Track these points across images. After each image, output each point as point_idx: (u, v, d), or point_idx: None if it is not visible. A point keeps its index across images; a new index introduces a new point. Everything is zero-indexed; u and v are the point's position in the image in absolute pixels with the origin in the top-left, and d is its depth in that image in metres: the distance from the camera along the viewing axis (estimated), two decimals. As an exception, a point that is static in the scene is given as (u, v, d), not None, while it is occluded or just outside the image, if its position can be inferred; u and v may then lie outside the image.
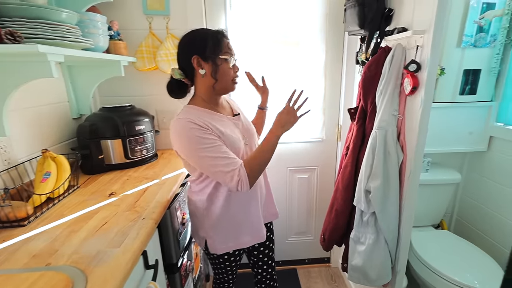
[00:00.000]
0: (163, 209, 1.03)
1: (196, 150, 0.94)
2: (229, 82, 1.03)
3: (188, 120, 0.95)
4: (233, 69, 1.04)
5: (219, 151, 0.94)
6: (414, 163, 1.23)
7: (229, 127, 1.06)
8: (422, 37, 1.16)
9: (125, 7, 1.59)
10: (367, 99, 1.38)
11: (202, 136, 0.94)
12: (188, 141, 0.94)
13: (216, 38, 0.99)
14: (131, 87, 1.70)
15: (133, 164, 1.45)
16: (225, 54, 1.00)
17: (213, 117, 1.03)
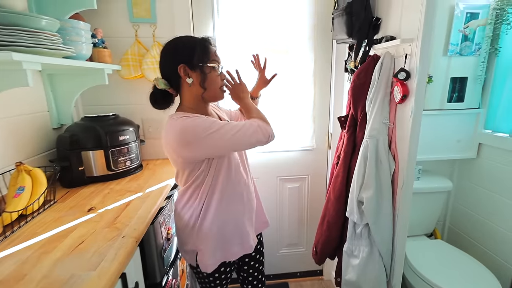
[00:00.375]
0: (145, 225, 0.96)
1: (203, 132, 0.88)
2: (217, 90, 1.01)
3: (181, 116, 0.92)
4: (221, 77, 1.02)
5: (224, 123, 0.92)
6: (407, 173, 1.20)
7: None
8: (410, 46, 1.15)
9: (111, 14, 1.54)
10: (357, 107, 1.36)
11: (203, 119, 0.91)
12: (192, 130, 0.88)
13: (203, 45, 0.95)
14: (116, 95, 1.64)
15: (116, 176, 1.38)
16: (213, 62, 0.97)
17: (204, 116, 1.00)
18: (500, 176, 1.65)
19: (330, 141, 1.88)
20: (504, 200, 1.63)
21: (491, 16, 1.57)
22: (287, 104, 1.81)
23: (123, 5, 1.54)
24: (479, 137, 1.72)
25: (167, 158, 1.73)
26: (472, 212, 1.83)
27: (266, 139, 0.95)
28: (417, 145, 1.19)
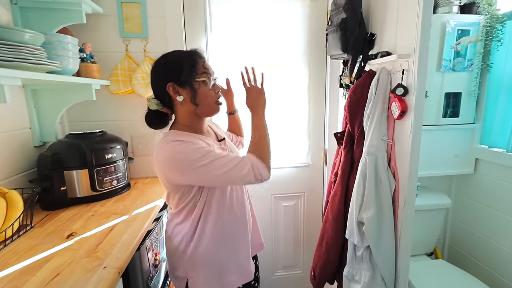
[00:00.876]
0: (130, 253, 0.87)
1: (195, 163, 0.83)
2: (211, 104, 0.94)
3: (173, 140, 0.87)
4: (214, 90, 0.94)
5: (218, 154, 0.86)
6: (408, 192, 1.14)
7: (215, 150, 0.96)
8: (407, 61, 1.13)
9: (101, 29, 1.50)
10: (354, 123, 1.31)
11: (196, 147, 0.85)
12: (184, 157, 0.84)
13: (190, 60, 0.90)
14: (104, 111, 1.57)
15: (101, 196, 1.29)
16: (202, 76, 0.91)
17: (199, 137, 0.94)
18: (498, 192, 1.61)
19: (326, 157, 1.82)
20: (504, 217, 1.58)
21: (481, 33, 1.57)
22: (281, 119, 1.76)
23: (113, 20, 1.49)
24: (475, 152, 1.69)
25: (156, 176, 1.62)
26: (472, 229, 1.77)
27: (258, 182, 0.90)
28: (418, 162, 1.14)
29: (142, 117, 1.57)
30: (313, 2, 1.65)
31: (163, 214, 1.33)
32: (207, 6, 1.56)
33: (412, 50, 1.10)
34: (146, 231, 1.06)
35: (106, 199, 1.30)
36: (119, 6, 1.48)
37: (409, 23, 1.11)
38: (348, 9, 1.29)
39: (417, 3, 1.05)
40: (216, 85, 0.96)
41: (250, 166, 0.87)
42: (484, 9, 1.56)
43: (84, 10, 1.28)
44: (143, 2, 1.50)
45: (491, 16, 1.55)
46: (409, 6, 1.11)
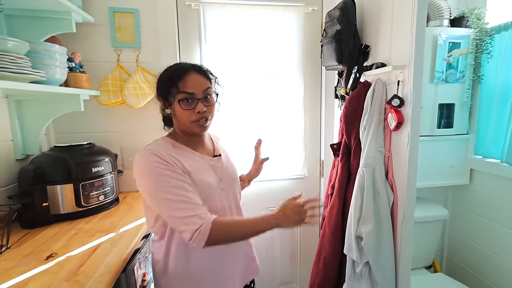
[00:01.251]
0: (114, 275, 0.79)
1: (156, 188, 0.78)
2: (186, 124, 0.86)
3: (153, 153, 0.81)
4: (193, 110, 0.85)
5: (181, 194, 0.78)
6: (407, 204, 1.10)
7: (202, 169, 0.89)
8: (402, 72, 1.11)
9: (92, 38, 1.45)
10: (351, 134, 1.28)
11: (165, 173, 0.79)
12: (149, 176, 0.79)
13: (169, 79, 0.86)
14: (94, 122, 1.50)
15: (87, 212, 1.20)
16: (177, 96, 0.84)
17: (184, 154, 0.87)
18: (494, 202, 1.58)
19: (322, 169, 1.78)
20: (501, 228, 1.55)
21: (472, 45, 1.58)
22: (277, 131, 1.72)
23: (105, 29, 1.45)
24: (470, 163, 1.67)
25: None
26: (470, 240, 1.73)
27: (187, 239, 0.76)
28: (415, 174, 1.10)
29: (133, 128, 1.53)
30: (307, 14, 1.64)
31: (152, 230, 1.25)
32: (201, 16, 1.54)
33: (407, 61, 1.08)
34: (133, 249, 0.98)
35: (92, 215, 1.21)
36: (111, 15, 1.44)
37: (403, 35, 1.10)
38: (343, 21, 1.28)
39: (411, 16, 1.05)
40: (199, 105, 0.85)
41: (196, 229, 0.75)
42: (473, 22, 1.57)
43: (74, 19, 1.23)
44: (136, 12, 1.46)
45: (480, 29, 1.56)
46: (402, 18, 1.10)
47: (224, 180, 0.94)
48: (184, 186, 0.79)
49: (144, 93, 1.44)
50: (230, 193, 0.96)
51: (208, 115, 0.88)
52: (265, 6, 1.59)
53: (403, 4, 1.09)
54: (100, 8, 1.43)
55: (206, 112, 0.86)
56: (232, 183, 0.99)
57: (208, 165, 0.92)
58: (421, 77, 1.06)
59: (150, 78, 1.48)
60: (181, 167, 0.82)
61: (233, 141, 1.63)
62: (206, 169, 0.90)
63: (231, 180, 0.98)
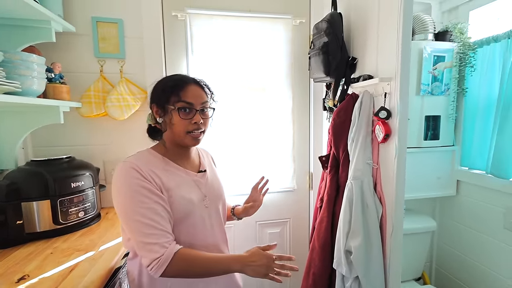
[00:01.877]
0: (90, 300, 0.75)
1: (128, 208, 0.77)
2: (181, 134, 0.86)
3: (132, 167, 0.80)
4: (190, 121, 0.86)
5: (151, 218, 0.76)
6: (395, 217, 1.10)
7: (185, 185, 0.87)
8: (389, 85, 1.13)
9: (73, 48, 1.42)
10: (339, 146, 1.28)
11: (140, 192, 0.77)
12: (125, 193, 0.78)
13: (170, 87, 0.87)
14: (74, 135, 1.45)
15: (65, 230, 1.15)
16: (177, 104, 0.84)
17: (165, 168, 0.86)
18: (480, 213, 1.61)
19: (311, 181, 1.77)
20: (487, 239, 1.57)
21: (456, 59, 1.63)
22: (265, 143, 1.71)
23: (88, 39, 1.42)
24: (456, 174, 1.70)
25: None
26: (458, 252, 1.75)
27: (146, 265, 0.75)
28: (404, 186, 1.11)
29: (117, 141, 1.50)
30: (295, 26, 1.66)
31: (135, 248, 1.21)
32: (188, 27, 1.53)
33: (393, 73, 1.10)
34: (113, 269, 0.94)
35: (71, 233, 1.16)
36: (94, 25, 1.42)
37: (389, 48, 1.12)
38: (330, 33, 1.30)
39: (396, 29, 1.07)
40: (196, 116, 0.86)
41: (156, 258, 0.73)
42: (456, 37, 1.63)
43: (53, 28, 1.20)
44: (120, 22, 1.45)
45: (463, 43, 1.62)
46: (388, 32, 1.12)
47: (209, 196, 0.92)
48: (156, 209, 0.77)
49: (128, 105, 1.41)
50: (213, 211, 0.94)
51: (203, 128, 0.89)
52: (253, 18, 1.61)
53: (389, 18, 1.11)
54: (83, 18, 1.41)
55: (202, 124, 0.87)
56: (218, 200, 0.97)
57: (191, 180, 0.90)
58: (407, 90, 1.08)
59: (135, 89, 1.46)
60: (159, 184, 0.81)
61: (220, 153, 1.61)
62: (189, 185, 0.88)
63: (216, 196, 0.96)
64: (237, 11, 1.58)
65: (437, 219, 1.85)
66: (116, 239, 1.11)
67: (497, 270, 1.52)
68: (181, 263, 0.75)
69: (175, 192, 0.82)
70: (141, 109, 1.48)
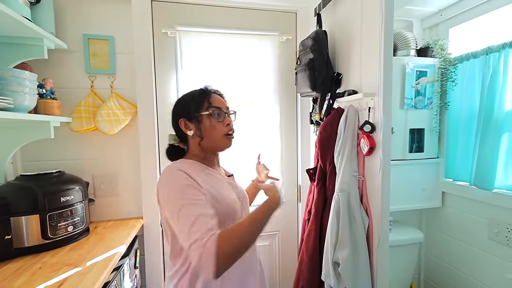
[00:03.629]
0: (79, 314, 0.78)
1: (178, 198, 0.80)
2: (219, 137, 0.96)
3: (178, 168, 0.87)
4: (223, 123, 0.96)
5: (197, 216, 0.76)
6: (381, 228, 1.16)
7: (225, 187, 0.95)
8: (372, 99, 1.20)
9: (65, 65, 1.47)
10: (326, 159, 1.35)
11: (191, 185, 0.82)
12: (173, 186, 0.82)
13: (198, 95, 0.98)
14: (65, 150, 1.49)
15: (54, 245, 1.17)
16: (209, 109, 0.95)
17: (207, 172, 0.94)
18: (465, 224, 1.68)
19: (300, 193, 1.83)
20: (472, 249, 1.63)
21: (437, 74, 1.73)
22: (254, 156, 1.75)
23: (79, 56, 1.48)
24: (441, 185, 1.78)
25: (120, 219, 1.57)
26: (446, 263, 1.81)
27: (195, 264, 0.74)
28: (389, 198, 1.17)
29: (107, 155, 1.54)
30: (282, 43, 1.75)
31: (124, 262, 1.23)
32: (177, 44, 1.60)
33: (376, 89, 1.17)
34: (102, 283, 0.97)
35: (60, 248, 1.18)
36: (86, 42, 1.48)
37: (372, 64, 1.20)
38: (315, 50, 1.38)
39: (378, 46, 1.15)
40: (228, 119, 0.98)
41: (198, 255, 0.71)
42: (437, 52, 1.74)
43: (46, 45, 1.26)
44: (111, 39, 1.51)
45: (444, 59, 1.73)
46: (371, 48, 1.21)
47: (241, 198, 1.00)
48: (205, 203, 0.80)
49: (118, 119, 1.46)
50: (247, 210, 1.04)
51: (233, 129, 1.00)
52: (241, 35, 1.69)
53: (371, 35, 1.20)
54: (74, 35, 1.47)
55: (232, 126, 0.99)
56: (246, 201, 1.06)
57: (227, 183, 0.98)
58: (390, 104, 1.16)
59: (125, 104, 1.51)
60: (203, 186, 0.85)
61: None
62: (228, 187, 0.97)
63: (245, 198, 1.05)
64: (225, 28, 1.67)
65: (424, 231, 1.91)
66: (105, 253, 1.13)
67: (483, 280, 1.58)
68: (228, 239, 0.73)
69: (219, 195, 0.88)
70: (131, 123, 1.53)
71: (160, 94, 1.61)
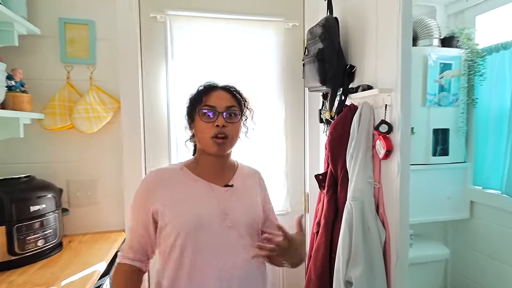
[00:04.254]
0: None
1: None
2: (206, 139, 0.95)
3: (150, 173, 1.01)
4: (213, 124, 0.94)
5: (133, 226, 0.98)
6: (400, 242, 1.16)
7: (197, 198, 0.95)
8: (389, 96, 1.20)
9: (37, 53, 1.48)
10: (337, 164, 1.35)
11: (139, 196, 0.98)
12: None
13: (197, 92, 1.02)
14: (35, 151, 1.49)
15: (22, 261, 1.17)
16: (202, 107, 0.96)
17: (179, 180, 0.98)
18: (497, 238, 1.69)
19: (307, 203, 1.83)
20: (504, 267, 1.64)
21: (464, 67, 1.75)
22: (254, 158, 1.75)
23: (54, 42, 1.49)
24: (469, 194, 1.79)
25: (98, 232, 1.57)
26: (474, 283, 1.81)
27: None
28: (408, 208, 1.17)
29: (84, 157, 1.54)
30: (288, 30, 1.77)
31: (104, 282, 1.23)
32: (168, 30, 1.61)
33: (393, 84, 1.17)
34: (79, 307, 0.96)
35: (29, 265, 1.18)
36: (62, 27, 1.48)
37: (388, 56, 1.20)
38: (325, 39, 1.39)
39: (396, 35, 1.15)
40: (220, 119, 0.94)
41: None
42: (463, 43, 1.76)
43: (16, 31, 1.26)
44: (91, 23, 1.52)
45: (471, 50, 1.74)
46: (387, 38, 1.21)
47: (231, 216, 0.94)
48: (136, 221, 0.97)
49: (98, 116, 1.46)
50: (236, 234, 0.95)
51: (227, 133, 0.95)
52: (240, 20, 1.71)
53: (388, 22, 1.20)
54: (49, 19, 1.47)
55: (226, 128, 0.95)
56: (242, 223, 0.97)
57: (212, 193, 0.97)
58: (409, 101, 1.16)
59: (106, 98, 1.51)
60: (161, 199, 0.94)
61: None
62: (204, 199, 0.95)
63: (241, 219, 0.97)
64: (223, 13, 1.68)
65: (449, 246, 1.92)
66: (82, 272, 1.13)
67: (517, 303, 1.59)
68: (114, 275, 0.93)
69: (181, 203, 0.93)
70: (113, 120, 1.54)
71: (147, 87, 1.62)
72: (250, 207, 1.03)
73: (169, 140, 1.67)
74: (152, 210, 0.93)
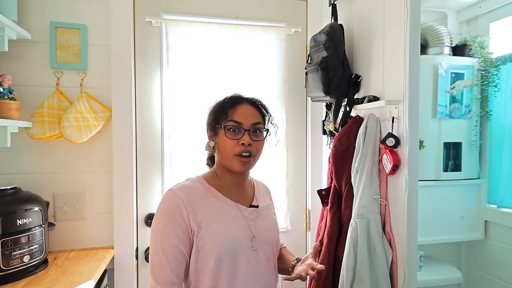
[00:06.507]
0: None
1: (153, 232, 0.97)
2: (229, 156, 1.01)
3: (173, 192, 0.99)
4: (238, 141, 1.00)
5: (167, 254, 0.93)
6: (408, 263, 1.20)
7: (230, 219, 1.01)
8: (397, 108, 1.25)
9: (27, 58, 1.54)
10: (341, 178, 1.40)
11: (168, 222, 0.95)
12: (157, 216, 0.98)
13: (223, 104, 1.05)
14: (22, 161, 1.54)
15: (7, 278, 1.21)
16: (227, 122, 1.01)
17: (208, 200, 1.01)
18: (513, 261, 1.72)
19: (309, 220, 1.88)
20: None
21: (476, 77, 1.81)
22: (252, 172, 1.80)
23: (44, 47, 1.55)
24: (484, 213, 1.83)
25: (85, 249, 1.61)
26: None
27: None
28: (416, 227, 1.21)
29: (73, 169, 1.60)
30: (290, 36, 1.84)
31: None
32: (163, 35, 1.69)
33: (401, 95, 1.23)
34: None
35: (13, 282, 1.22)
36: (53, 31, 1.55)
37: (396, 65, 1.26)
38: (330, 47, 1.45)
39: (403, 43, 1.21)
40: (245, 137, 1.00)
41: None
42: (476, 51, 1.83)
43: (7, 36, 1.33)
44: (83, 27, 1.59)
45: (485, 59, 1.81)
46: (395, 46, 1.26)
47: (258, 238, 1.02)
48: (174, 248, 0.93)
49: (89, 125, 1.52)
50: (262, 255, 1.04)
51: (252, 151, 1.01)
52: (240, 25, 1.78)
53: (395, 30, 1.26)
54: (40, 23, 1.54)
55: (251, 146, 1.01)
56: (266, 243, 1.06)
57: (241, 216, 1.03)
58: (417, 114, 1.21)
59: (97, 106, 1.58)
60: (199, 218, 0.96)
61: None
62: (236, 221, 1.01)
63: (266, 239, 1.06)
64: (222, 18, 1.76)
65: (462, 269, 1.95)
66: (70, 291, 1.17)
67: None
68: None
69: (213, 226, 0.96)
70: (104, 130, 1.60)
71: (140, 95, 1.68)
72: (272, 228, 1.13)
73: (162, 152, 1.72)
74: (190, 229, 0.95)
